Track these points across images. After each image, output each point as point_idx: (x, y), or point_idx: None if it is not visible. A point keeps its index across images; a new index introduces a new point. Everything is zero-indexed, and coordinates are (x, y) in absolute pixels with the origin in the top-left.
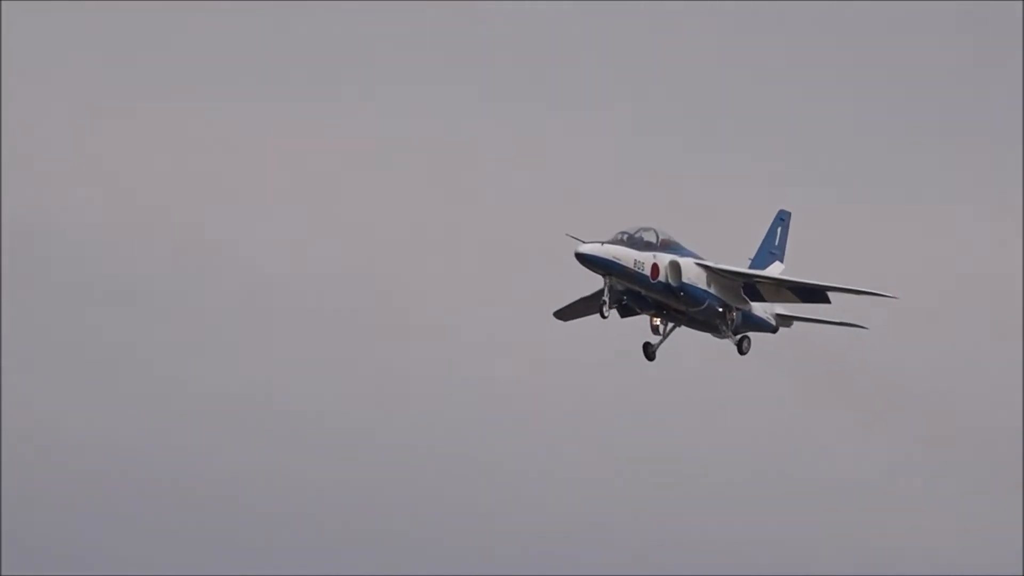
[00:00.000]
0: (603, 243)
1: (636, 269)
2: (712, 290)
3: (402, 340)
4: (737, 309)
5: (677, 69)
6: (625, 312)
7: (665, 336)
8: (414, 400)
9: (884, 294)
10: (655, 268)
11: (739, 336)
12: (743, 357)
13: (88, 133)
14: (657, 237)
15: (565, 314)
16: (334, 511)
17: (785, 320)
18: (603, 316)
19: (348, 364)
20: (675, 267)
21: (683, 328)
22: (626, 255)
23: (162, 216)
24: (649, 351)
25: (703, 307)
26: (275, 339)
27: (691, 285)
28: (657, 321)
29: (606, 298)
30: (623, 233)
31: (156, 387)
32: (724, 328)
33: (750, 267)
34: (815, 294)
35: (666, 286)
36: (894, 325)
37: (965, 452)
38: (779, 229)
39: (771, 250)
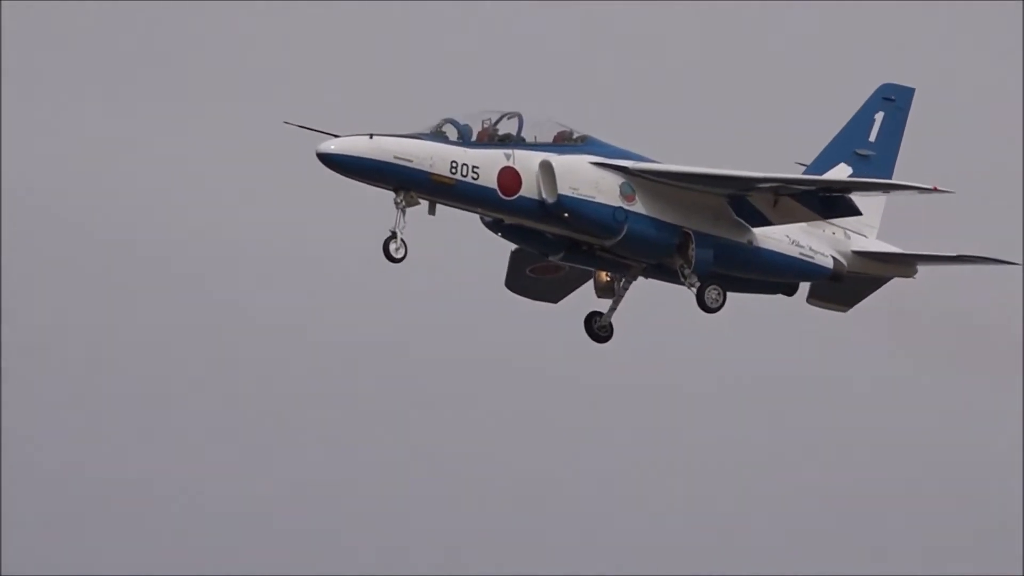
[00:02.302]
0: (378, 136)
1: (457, 176)
2: (638, 208)
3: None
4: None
5: None
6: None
7: (619, 297)
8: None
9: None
10: (508, 175)
11: (703, 285)
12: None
13: None
14: (520, 126)
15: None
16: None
17: (870, 261)
18: (391, 258)
19: None
20: (547, 171)
21: None
22: (426, 153)
23: None
24: (596, 326)
25: (619, 237)
26: None
27: (582, 200)
28: (605, 276)
29: (396, 229)
30: (449, 121)
31: None
32: (685, 271)
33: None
34: (834, 203)
35: (537, 206)
36: None
37: None
38: (879, 115)
39: (856, 148)
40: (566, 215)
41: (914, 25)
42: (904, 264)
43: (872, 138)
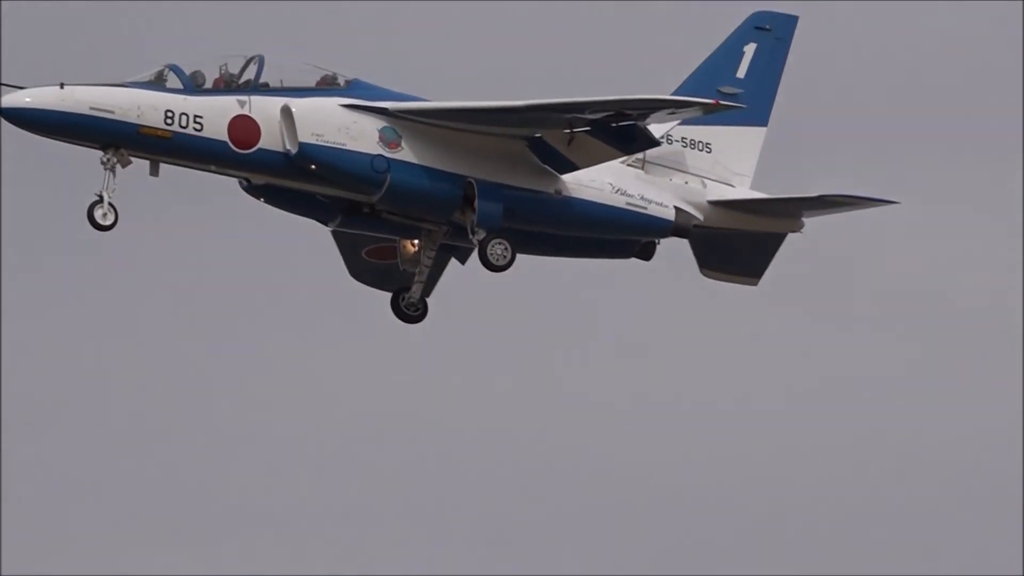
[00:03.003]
0: (72, 86)
1: (174, 128)
2: (404, 155)
3: None
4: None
5: None
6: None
7: (424, 267)
8: None
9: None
10: (242, 125)
11: (486, 239)
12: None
13: None
14: (260, 69)
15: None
16: None
17: (732, 212)
18: (97, 225)
19: None
20: (288, 117)
21: None
22: (132, 103)
23: None
24: (404, 303)
25: (383, 191)
26: None
27: (329, 148)
28: (411, 245)
29: (104, 192)
30: (171, 68)
31: None
32: (471, 227)
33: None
34: (628, 134)
35: (282, 159)
36: None
37: None
38: (749, 47)
39: (719, 85)
40: (312, 167)
41: None
42: (774, 213)
43: (740, 74)
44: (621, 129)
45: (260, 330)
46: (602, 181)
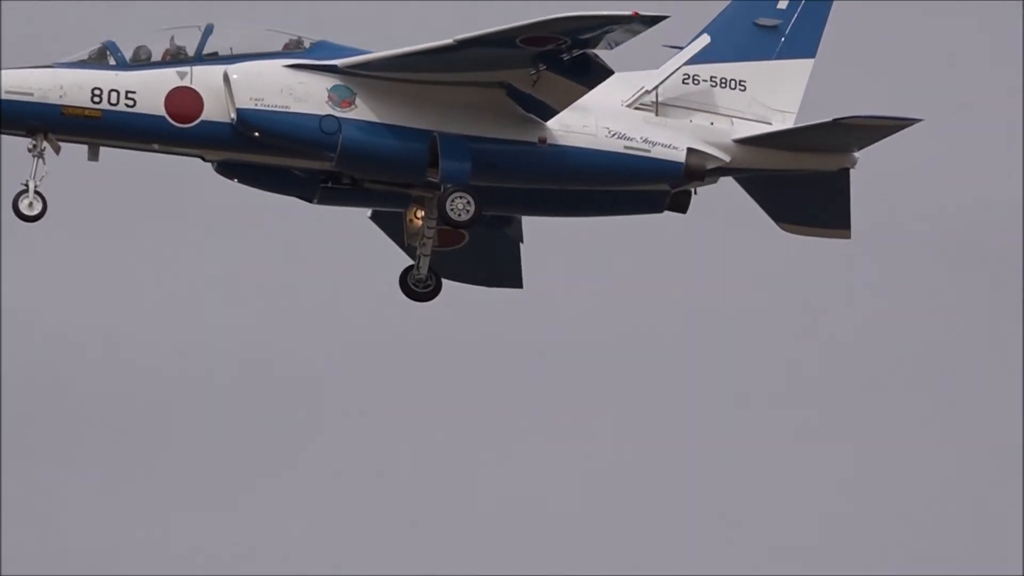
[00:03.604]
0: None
1: (103, 106)
2: (357, 114)
3: None
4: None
5: None
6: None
7: (425, 238)
8: None
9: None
10: (181, 96)
11: (447, 192)
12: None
13: None
14: (204, 37)
15: None
16: None
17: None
18: (22, 215)
19: None
20: (228, 84)
21: None
22: (53, 83)
23: None
24: (412, 281)
25: (336, 154)
26: None
27: (270, 112)
28: (416, 218)
29: (30, 180)
30: (107, 44)
31: None
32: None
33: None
34: (584, 64)
35: (230, 130)
36: None
37: None
38: None
39: (756, 17)
40: (255, 134)
41: None
42: (800, 145)
43: (782, 5)
44: (574, 61)
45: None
46: (597, 126)
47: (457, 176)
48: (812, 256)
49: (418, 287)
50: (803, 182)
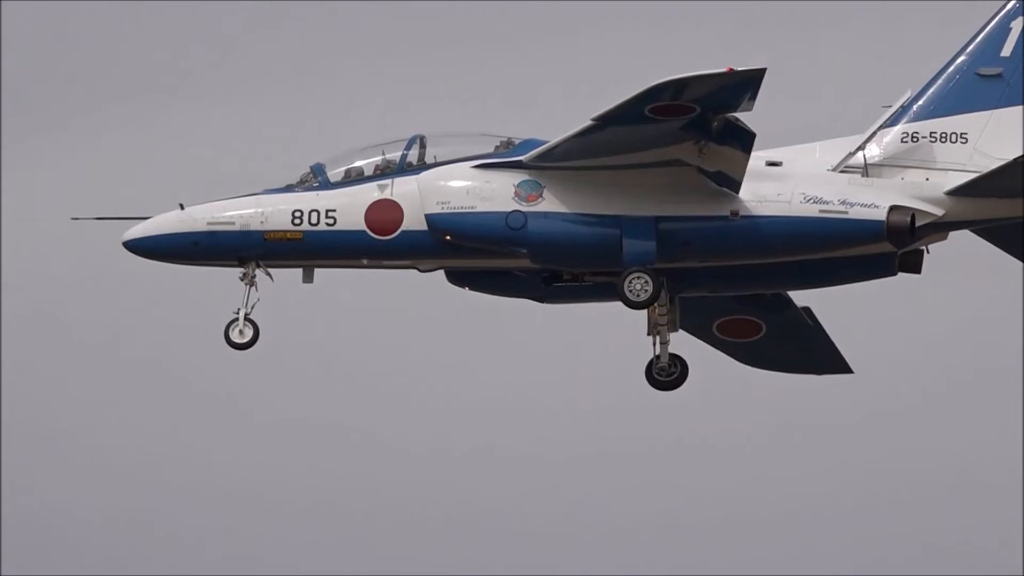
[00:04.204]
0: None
1: (304, 227)
2: (544, 207)
3: None
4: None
5: None
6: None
7: (657, 326)
8: None
9: None
10: (381, 209)
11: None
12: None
13: None
14: (422, 149)
15: None
16: None
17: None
18: (232, 343)
19: None
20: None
21: None
22: (254, 210)
23: None
24: (655, 370)
25: (527, 248)
26: None
27: (458, 214)
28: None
29: (241, 308)
30: (314, 167)
31: None
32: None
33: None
34: (733, 130)
35: (427, 238)
36: None
37: None
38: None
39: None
40: (448, 237)
41: None
42: (1003, 190)
43: (1006, 52)
44: (724, 128)
45: None
46: (792, 192)
47: (640, 257)
48: None
49: (662, 376)
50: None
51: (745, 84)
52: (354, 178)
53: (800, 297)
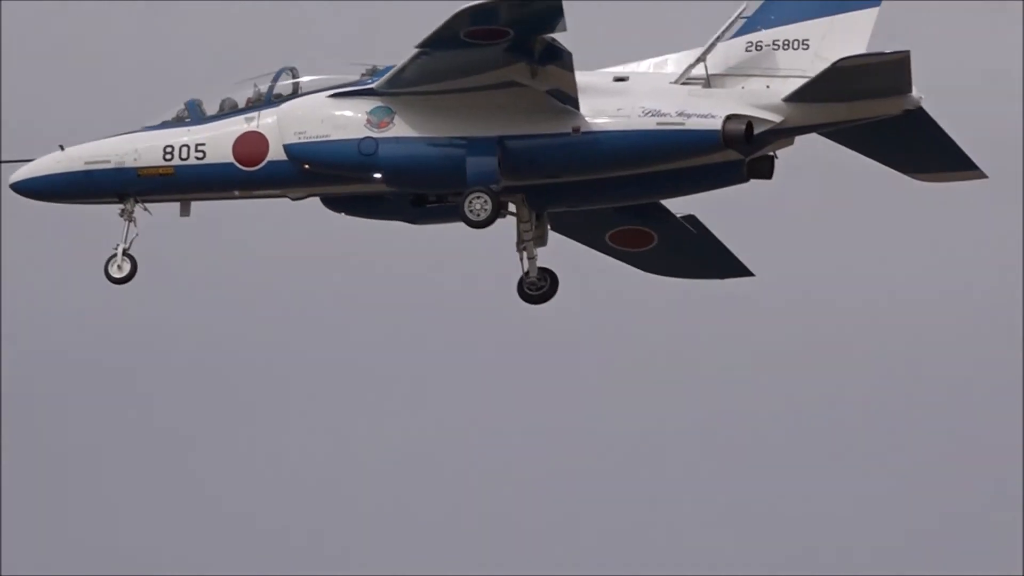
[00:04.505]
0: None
1: (175, 162)
2: (395, 131)
3: None
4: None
5: None
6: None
7: (524, 241)
8: None
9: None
10: (248, 141)
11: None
12: None
13: None
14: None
15: None
16: None
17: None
18: (111, 278)
19: None
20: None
21: None
22: (128, 147)
23: None
24: (525, 285)
25: (381, 175)
26: None
27: (313, 144)
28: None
29: (120, 244)
30: (188, 102)
31: None
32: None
33: None
34: (546, 50)
35: (290, 167)
36: None
37: None
38: None
39: None
40: (305, 166)
41: None
42: (835, 93)
43: None
44: (545, 50)
45: None
46: (632, 107)
47: (482, 177)
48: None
49: (532, 290)
50: (893, 129)
51: (553, 8)
52: (227, 111)
53: (681, 205)
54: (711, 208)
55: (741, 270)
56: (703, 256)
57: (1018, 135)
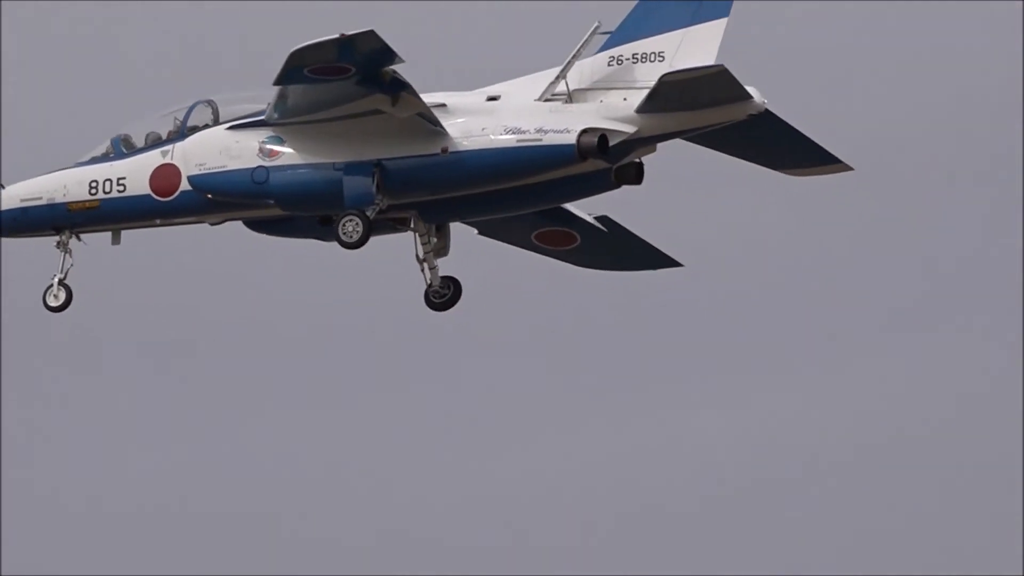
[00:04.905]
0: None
1: (99, 195)
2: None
3: None
4: None
5: None
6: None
7: (429, 252)
8: None
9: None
10: (163, 173)
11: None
12: None
13: None
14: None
15: None
16: None
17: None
18: (48, 307)
19: None
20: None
21: None
22: (57, 184)
23: None
24: (431, 294)
25: (273, 200)
26: None
27: (213, 174)
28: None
29: (57, 274)
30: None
31: None
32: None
33: None
34: (398, 82)
35: (198, 197)
36: None
37: None
38: None
39: None
40: (208, 196)
41: None
42: (677, 103)
43: None
44: (392, 80)
45: None
46: (496, 125)
47: (359, 199)
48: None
49: (436, 298)
50: (749, 132)
51: (377, 45)
52: (150, 144)
53: (595, 206)
54: (622, 207)
55: (669, 261)
56: (627, 251)
57: (881, 129)
